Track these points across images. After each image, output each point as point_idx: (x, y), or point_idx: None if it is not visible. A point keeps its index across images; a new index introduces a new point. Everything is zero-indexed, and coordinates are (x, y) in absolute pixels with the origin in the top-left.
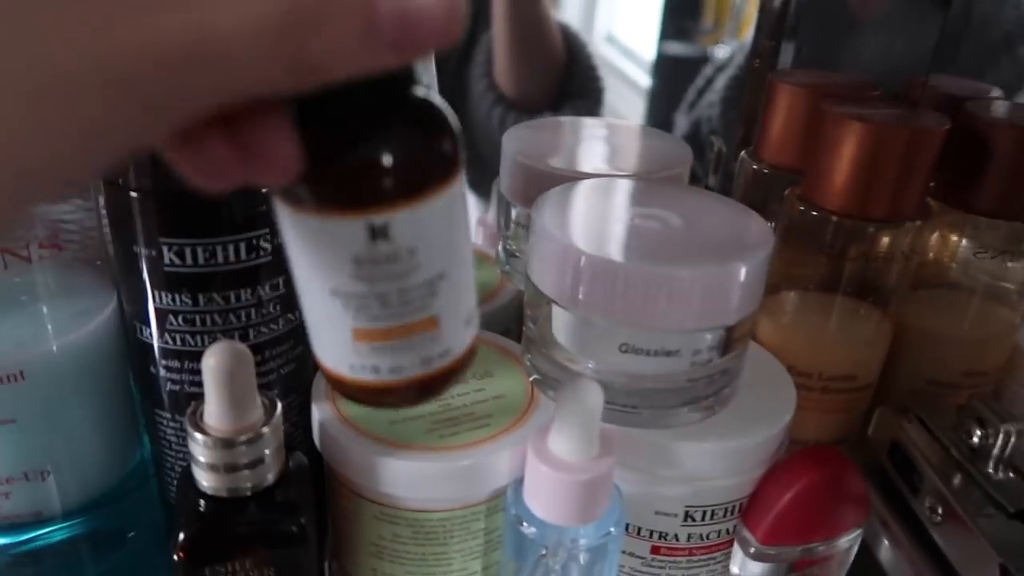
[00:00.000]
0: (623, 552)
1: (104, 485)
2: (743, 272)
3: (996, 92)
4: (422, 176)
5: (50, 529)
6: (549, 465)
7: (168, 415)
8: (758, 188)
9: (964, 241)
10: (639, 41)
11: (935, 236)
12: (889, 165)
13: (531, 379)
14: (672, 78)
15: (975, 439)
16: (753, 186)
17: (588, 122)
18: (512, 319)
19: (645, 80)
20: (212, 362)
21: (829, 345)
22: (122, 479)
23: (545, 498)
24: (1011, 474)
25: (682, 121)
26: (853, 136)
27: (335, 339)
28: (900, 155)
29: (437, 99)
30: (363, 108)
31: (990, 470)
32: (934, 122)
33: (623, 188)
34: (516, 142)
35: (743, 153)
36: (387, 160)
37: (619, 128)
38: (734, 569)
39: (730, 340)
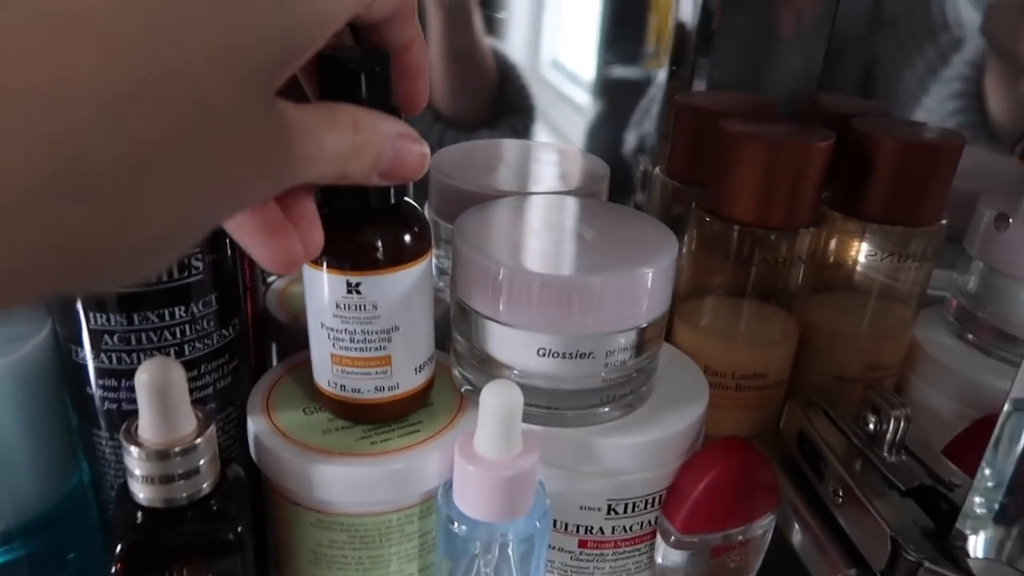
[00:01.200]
0: (552, 548)
1: (42, 506)
2: (649, 277)
3: (882, 109)
4: (383, 258)
5: None
6: (475, 464)
7: (106, 434)
8: (672, 202)
9: (861, 245)
10: (584, 66)
11: (834, 242)
12: (782, 177)
13: (462, 390)
14: (617, 100)
15: (871, 426)
16: (667, 200)
17: (513, 144)
18: (446, 333)
19: (591, 103)
20: (144, 377)
21: (739, 346)
22: (60, 501)
23: (473, 497)
24: (903, 456)
25: (630, 139)
26: (749, 152)
27: (321, 359)
28: (791, 168)
29: (410, 207)
30: (354, 211)
31: (885, 454)
32: (820, 138)
33: (540, 204)
34: (442, 164)
35: (656, 169)
36: (361, 244)
37: (541, 149)
38: (658, 559)
39: (642, 341)
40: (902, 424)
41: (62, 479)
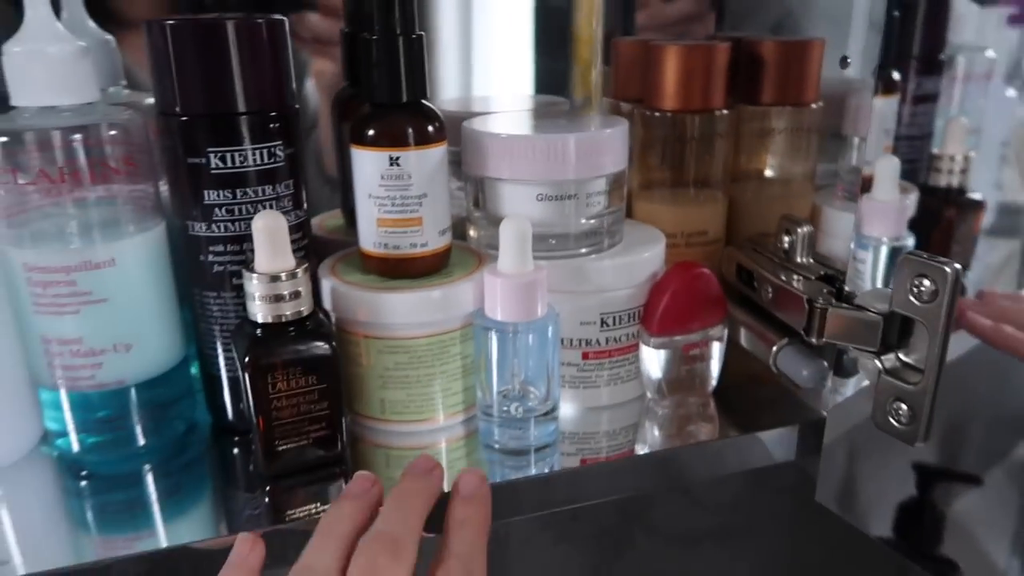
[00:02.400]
0: (562, 364)
1: (170, 361)
2: (608, 134)
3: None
4: (416, 138)
5: (129, 397)
6: (500, 278)
7: (214, 293)
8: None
9: (764, 128)
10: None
11: (747, 133)
12: (696, 72)
13: (486, 250)
14: None
15: (786, 245)
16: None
17: (490, 96)
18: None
19: None
20: (260, 223)
21: (683, 209)
22: (180, 360)
23: (500, 303)
24: (811, 259)
25: None
26: (671, 56)
27: (367, 225)
28: (702, 64)
29: (429, 106)
30: (389, 105)
31: (799, 259)
32: (721, 43)
33: (520, 113)
34: (443, 105)
35: (603, 98)
36: (398, 128)
37: (513, 96)
38: (643, 368)
39: (611, 190)
40: (807, 236)
41: (182, 341)
